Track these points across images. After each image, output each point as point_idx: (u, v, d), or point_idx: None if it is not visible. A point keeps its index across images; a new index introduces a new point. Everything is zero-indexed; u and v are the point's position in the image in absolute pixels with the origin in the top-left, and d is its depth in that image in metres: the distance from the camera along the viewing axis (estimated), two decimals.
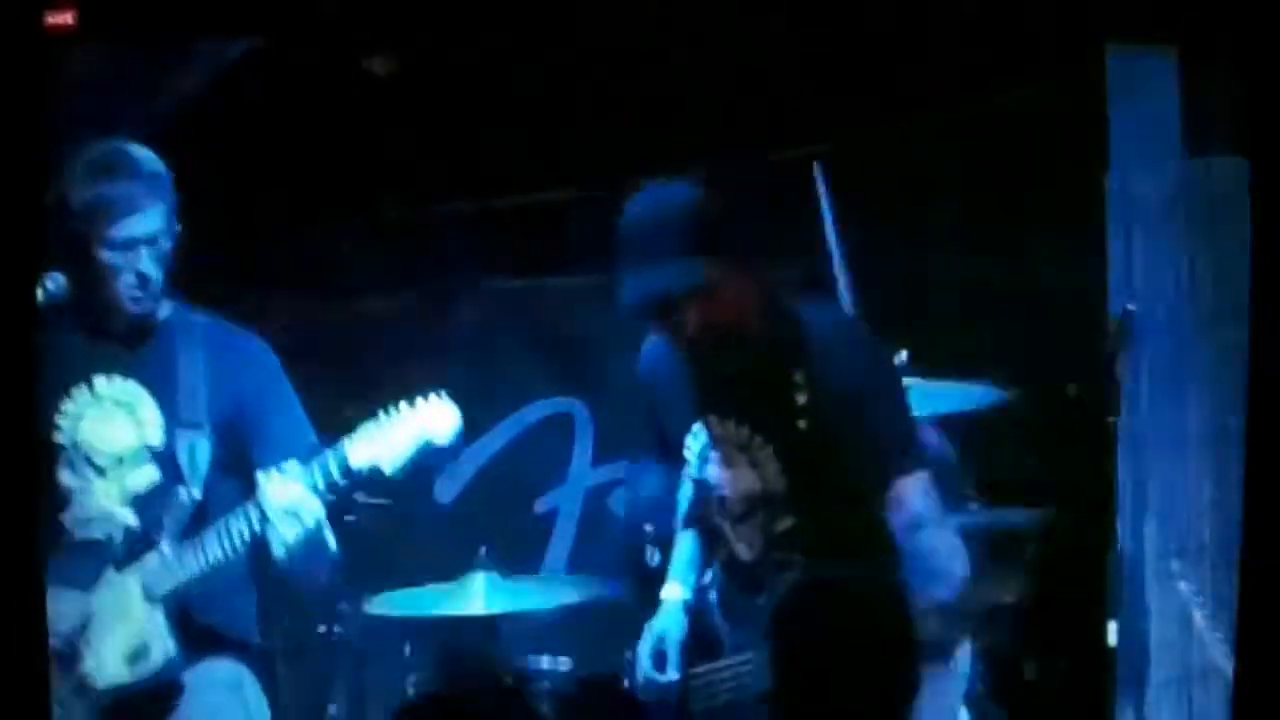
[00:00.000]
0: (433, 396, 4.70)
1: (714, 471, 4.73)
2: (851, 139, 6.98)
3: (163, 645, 4.73)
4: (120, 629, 4.73)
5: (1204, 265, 6.24)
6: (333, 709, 6.08)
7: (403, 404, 4.68)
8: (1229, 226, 6.18)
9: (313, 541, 4.70)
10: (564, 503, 7.05)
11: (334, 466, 4.66)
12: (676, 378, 4.75)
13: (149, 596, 4.74)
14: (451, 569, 6.19)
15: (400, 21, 6.58)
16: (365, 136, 7.11)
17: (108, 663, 4.72)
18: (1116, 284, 6.26)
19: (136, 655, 4.73)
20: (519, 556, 6.84)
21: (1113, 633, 6.13)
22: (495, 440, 6.89)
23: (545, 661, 5.95)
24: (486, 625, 6.22)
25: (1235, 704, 4.36)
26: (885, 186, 7.05)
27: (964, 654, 5.99)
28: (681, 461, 4.83)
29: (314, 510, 4.66)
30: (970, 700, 6.13)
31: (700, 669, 4.68)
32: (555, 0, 6.61)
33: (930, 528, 4.57)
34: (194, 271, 4.92)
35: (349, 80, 6.99)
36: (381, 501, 6.11)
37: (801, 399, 4.58)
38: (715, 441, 4.71)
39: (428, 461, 4.74)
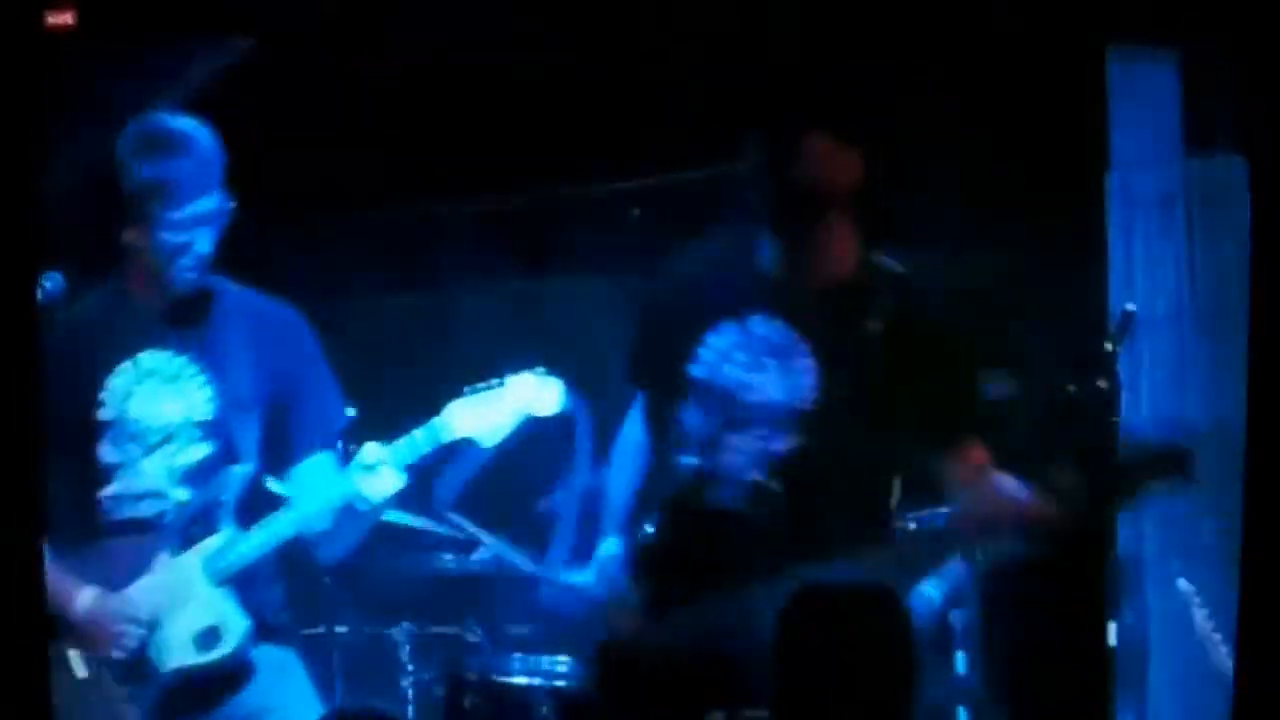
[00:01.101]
0: (530, 373, 4.85)
1: (733, 373, 4.66)
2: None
3: (237, 627, 4.70)
4: (185, 611, 4.70)
5: (1204, 264, 6.39)
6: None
7: (506, 377, 4.81)
8: (1229, 225, 6.35)
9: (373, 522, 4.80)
10: (564, 502, 7.04)
11: (424, 443, 4.70)
12: (721, 278, 4.70)
13: (214, 578, 4.72)
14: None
15: (401, 23, 6.61)
16: (371, 137, 7.10)
17: (173, 644, 4.69)
18: (1117, 283, 6.42)
19: (208, 637, 4.70)
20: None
21: (1113, 633, 6.06)
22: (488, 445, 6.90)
23: (543, 661, 5.91)
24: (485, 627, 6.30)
25: (1236, 705, 4.28)
26: (889, 186, 7.14)
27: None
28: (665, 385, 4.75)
29: (398, 489, 4.72)
30: (970, 701, 6.27)
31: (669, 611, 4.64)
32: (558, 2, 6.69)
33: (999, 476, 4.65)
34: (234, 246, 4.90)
35: (356, 80, 6.98)
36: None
37: (877, 325, 4.59)
38: (749, 342, 4.65)
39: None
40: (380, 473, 4.68)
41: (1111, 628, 6.00)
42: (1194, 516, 6.36)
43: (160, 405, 4.79)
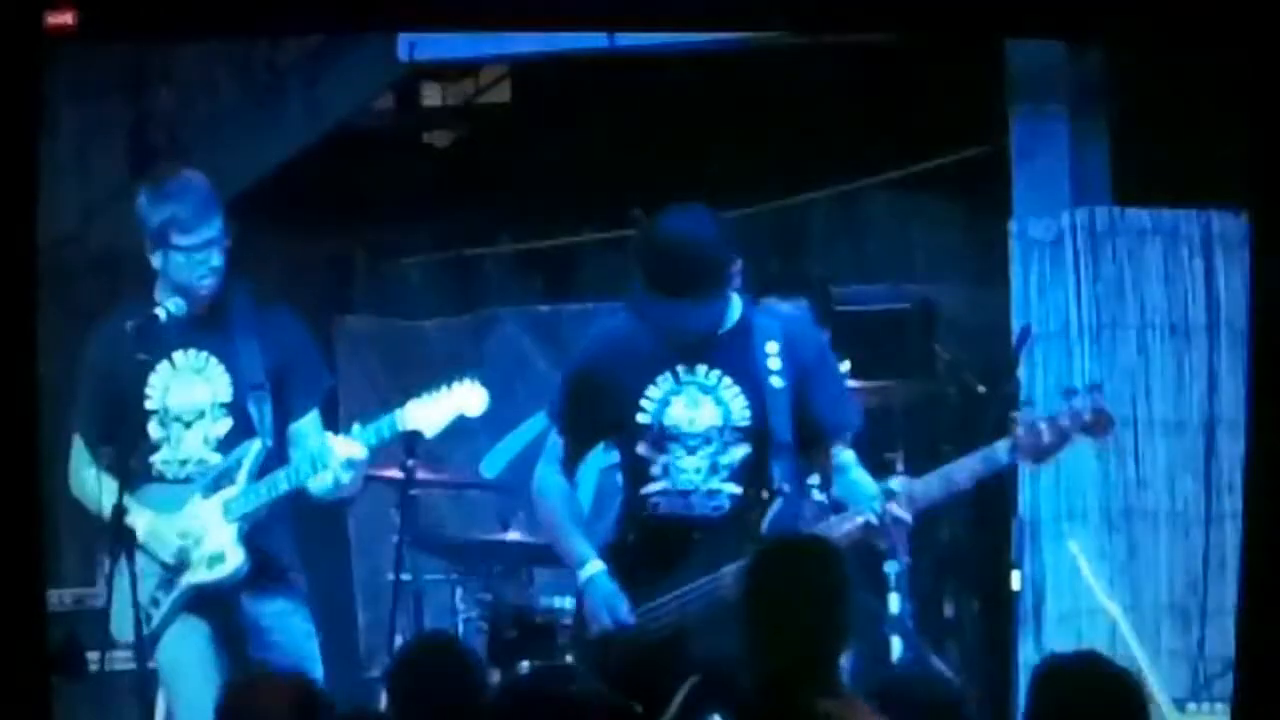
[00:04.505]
0: (468, 380, 5.66)
1: (674, 412, 5.26)
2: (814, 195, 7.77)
3: (235, 554, 5.64)
4: (204, 541, 5.65)
5: (1086, 290, 7.15)
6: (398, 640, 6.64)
7: (444, 386, 5.64)
8: (1106, 260, 7.14)
9: (351, 483, 5.69)
10: (582, 479, 6.96)
11: (386, 429, 5.71)
12: (645, 344, 5.29)
13: (228, 517, 5.64)
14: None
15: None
16: (427, 192, 7.78)
17: (193, 565, 5.69)
18: (1017, 305, 7.20)
19: (214, 560, 5.66)
20: None
21: (1016, 579, 6.60)
22: (527, 432, 7.24)
23: (566, 600, 6.40)
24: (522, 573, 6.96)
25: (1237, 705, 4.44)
26: (841, 229, 7.84)
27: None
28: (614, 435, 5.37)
29: (364, 461, 5.69)
30: (902, 633, 6.96)
31: (645, 606, 5.24)
32: (573, 82, 7.46)
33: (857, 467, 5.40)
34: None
35: (415, 151, 7.60)
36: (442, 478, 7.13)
37: (776, 363, 5.25)
38: (682, 386, 5.26)
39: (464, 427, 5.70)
40: (351, 443, 5.58)
41: (1015, 575, 6.46)
42: (1080, 488, 7.01)
43: (192, 392, 5.68)
